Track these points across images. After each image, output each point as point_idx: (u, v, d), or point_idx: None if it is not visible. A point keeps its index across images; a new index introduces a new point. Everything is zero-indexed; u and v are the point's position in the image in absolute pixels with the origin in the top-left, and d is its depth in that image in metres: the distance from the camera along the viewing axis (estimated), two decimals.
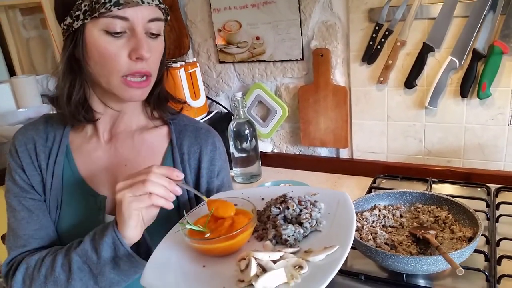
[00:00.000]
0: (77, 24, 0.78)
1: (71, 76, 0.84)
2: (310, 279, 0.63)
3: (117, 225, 0.76)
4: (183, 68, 1.58)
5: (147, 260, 0.75)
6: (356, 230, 1.06)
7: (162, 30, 0.85)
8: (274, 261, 0.68)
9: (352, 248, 1.05)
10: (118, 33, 0.78)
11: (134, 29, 0.78)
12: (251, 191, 0.95)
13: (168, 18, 0.88)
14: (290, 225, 0.76)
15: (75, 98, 0.86)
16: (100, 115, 0.91)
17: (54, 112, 0.93)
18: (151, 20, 0.80)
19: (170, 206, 0.76)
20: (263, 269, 0.66)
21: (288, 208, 0.80)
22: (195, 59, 1.70)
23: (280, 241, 0.75)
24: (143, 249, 0.81)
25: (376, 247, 0.97)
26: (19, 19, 2.30)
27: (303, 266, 0.66)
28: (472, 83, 1.30)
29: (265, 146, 1.73)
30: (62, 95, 0.85)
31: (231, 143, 1.55)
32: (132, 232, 0.76)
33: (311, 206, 0.80)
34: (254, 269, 0.65)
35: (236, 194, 0.87)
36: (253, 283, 0.63)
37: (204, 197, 0.84)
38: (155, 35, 0.82)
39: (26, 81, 1.96)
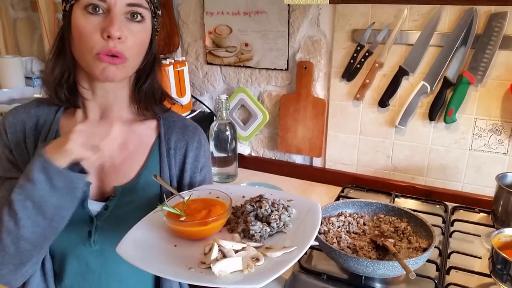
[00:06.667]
0: (67, 7, 0.84)
1: (59, 57, 0.89)
2: (262, 271, 0.70)
3: (47, 151, 0.76)
4: (172, 66, 1.62)
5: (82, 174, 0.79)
6: (322, 233, 1.14)
7: (147, 18, 0.87)
8: (236, 251, 0.74)
9: (317, 249, 1.14)
10: (95, 10, 0.81)
11: (110, 9, 0.81)
12: (235, 188, 1.01)
13: (158, 10, 0.91)
14: (259, 223, 0.83)
15: (58, 78, 0.89)
16: (87, 101, 0.92)
17: (41, 96, 0.95)
18: (130, 5, 0.83)
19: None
20: (224, 256, 0.72)
21: (261, 207, 0.86)
22: (183, 58, 1.75)
23: (248, 236, 0.82)
24: (75, 170, 0.79)
25: (340, 249, 1.04)
26: None
27: (259, 259, 0.72)
28: (440, 108, 1.40)
29: (244, 149, 1.78)
30: (51, 75, 0.89)
31: (211, 143, 1.60)
32: (62, 161, 0.76)
33: (283, 209, 0.87)
34: (215, 253, 0.72)
35: (221, 188, 0.93)
36: (211, 266, 0.69)
37: (176, 192, 0.90)
38: (136, 19, 0.85)
39: (11, 62, 1.95)
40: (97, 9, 0.82)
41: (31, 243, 0.79)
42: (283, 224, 0.84)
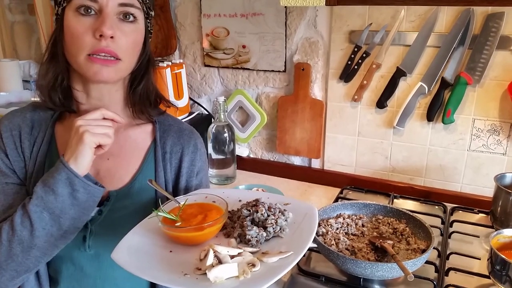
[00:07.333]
0: (59, 10, 0.84)
1: (52, 60, 0.89)
2: (258, 277, 0.69)
3: (68, 160, 0.80)
4: (169, 68, 1.62)
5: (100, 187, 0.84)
6: (320, 235, 1.13)
7: (140, 18, 0.87)
8: (232, 256, 0.73)
9: (316, 251, 1.13)
10: (87, 11, 0.81)
11: (102, 10, 0.81)
12: (232, 192, 0.99)
13: (151, 11, 0.91)
14: (255, 227, 0.82)
15: (52, 81, 0.89)
16: (82, 105, 0.92)
17: (38, 99, 0.94)
18: (122, 5, 0.83)
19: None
20: (220, 262, 0.71)
21: (257, 211, 0.85)
22: (181, 60, 1.75)
23: (244, 240, 0.81)
24: (90, 180, 0.83)
25: (338, 251, 1.04)
26: (5, 1, 2.29)
27: (255, 264, 0.72)
28: (438, 109, 1.40)
29: (242, 151, 1.78)
30: (45, 79, 0.89)
31: (209, 145, 1.60)
32: (85, 164, 0.80)
33: (279, 213, 0.86)
34: (210, 259, 0.71)
35: (217, 192, 0.92)
36: (207, 272, 0.68)
37: (171, 197, 0.89)
38: (128, 19, 0.85)
39: (9, 65, 1.95)
40: (89, 10, 0.81)
41: (41, 251, 0.80)
42: (280, 229, 0.83)
